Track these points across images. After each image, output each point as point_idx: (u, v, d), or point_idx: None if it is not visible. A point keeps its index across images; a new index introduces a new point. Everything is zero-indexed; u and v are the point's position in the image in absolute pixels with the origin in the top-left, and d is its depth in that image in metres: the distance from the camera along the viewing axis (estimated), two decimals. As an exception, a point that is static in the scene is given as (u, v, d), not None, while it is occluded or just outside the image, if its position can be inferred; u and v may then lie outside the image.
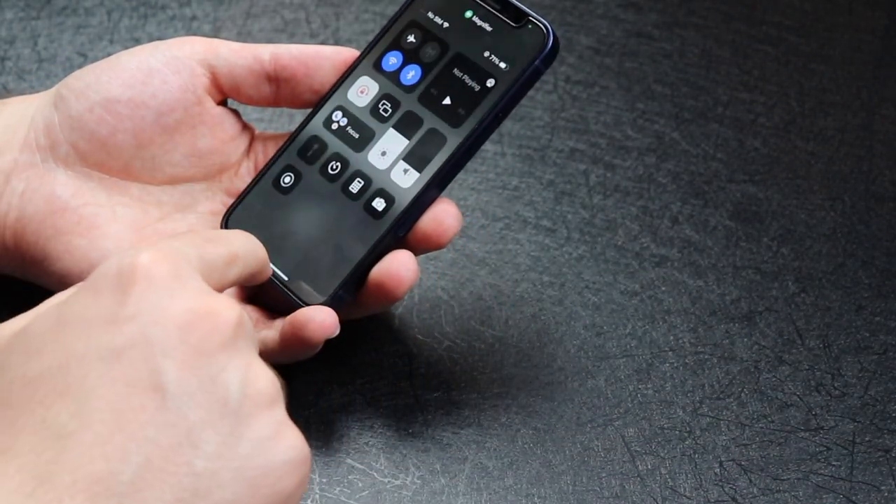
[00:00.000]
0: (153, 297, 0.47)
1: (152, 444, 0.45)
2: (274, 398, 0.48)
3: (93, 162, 0.60)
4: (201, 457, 0.46)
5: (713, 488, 0.60)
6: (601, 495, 0.59)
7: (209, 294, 0.48)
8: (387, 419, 0.61)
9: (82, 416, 0.45)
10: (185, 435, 0.46)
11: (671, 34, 0.79)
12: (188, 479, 0.45)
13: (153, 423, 0.45)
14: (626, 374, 0.63)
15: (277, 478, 0.47)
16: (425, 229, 0.59)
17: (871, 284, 0.68)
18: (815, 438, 0.62)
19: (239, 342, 0.48)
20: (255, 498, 0.47)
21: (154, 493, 0.45)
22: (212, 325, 0.47)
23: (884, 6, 0.81)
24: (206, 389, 0.46)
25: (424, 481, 0.59)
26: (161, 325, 0.46)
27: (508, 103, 0.59)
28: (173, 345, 0.46)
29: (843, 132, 0.75)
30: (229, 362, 0.47)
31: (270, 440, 0.47)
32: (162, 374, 0.46)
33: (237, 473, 0.46)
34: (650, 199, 0.71)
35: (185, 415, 0.46)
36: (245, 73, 0.61)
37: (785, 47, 0.79)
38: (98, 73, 0.60)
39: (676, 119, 0.75)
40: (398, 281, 0.58)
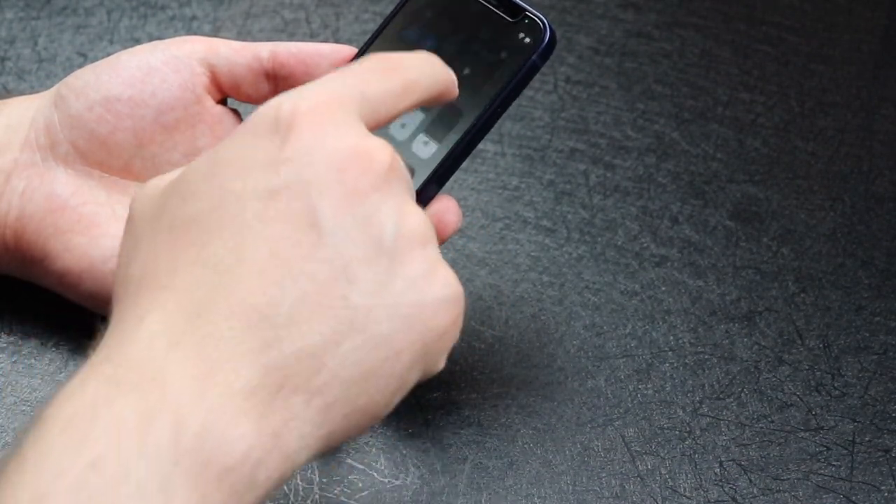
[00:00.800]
0: (309, 141, 0.47)
1: (309, 279, 0.46)
2: (427, 237, 0.49)
3: (93, 161, 0.60)
4: (357, 292, 0.47)
5: (713, 488, 0.60)
6: (601, 495, 0.59)
7: (364, 136, 0.48)
8: (387, 419, 0.61)
9: (239, 251, 0.46)
10: (341, 270, 0.46)
11: (671, 34, 0.79)
12: (344, 312, 0.46)
13: (310, 258, 0.46)
14: (626, 374, 0.63)
15: (431, 314, 0.48)
16: None
17: (871, 284, 0.68)
18: (815, 438, 0.62)
19: (392, 183, 0.48)
20: (410, 334, 0.48)
21: (311, 326, 0.46)
22: (366, 166, 0.48)
23: (884, 6, 0.81)
24: (361, 227, 0.47)
25: (424, 481, 0.59)
26: (317, 166, 0.47)
27: (506, 100, 0.59)
28: (329, 184, 0.47)
29: (843, 132, 0.75)
30: (383, 202, 0.48)
31: (424, 278, 0.48)
32: (318, 211, 0.47)
33: (392, 310, 0.47)
34: (650, 199, 0.71)
35: (340, 251, 0.47)
36: (244, 71, 0.61)
37: (785, 47, 0.79)
38: (98, 72, 0.60)
39: (676, 119, 0.75)
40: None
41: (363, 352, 0.47)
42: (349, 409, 0.47)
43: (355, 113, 0.49)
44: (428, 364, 0.49)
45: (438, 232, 0.58)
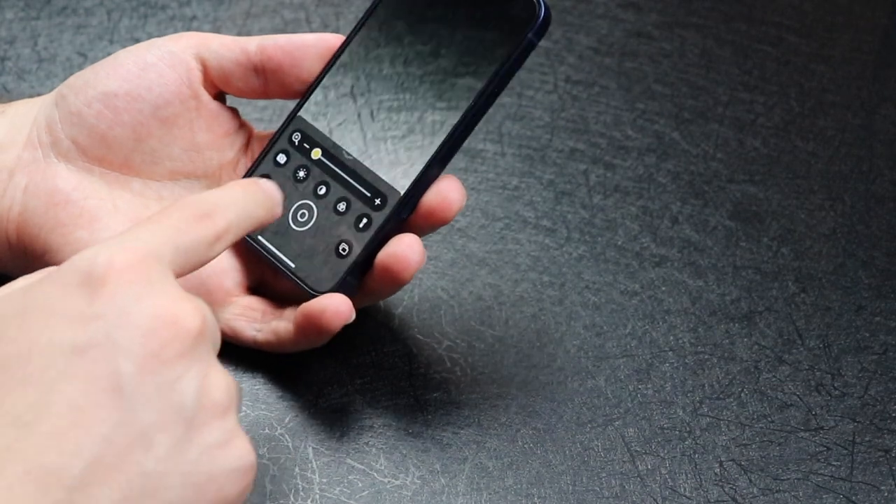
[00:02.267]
0: (121, 301, 0.48)
1: (106, 442, 0.47)
2: (227, 407, 0.49)
3: (93, 156, 0.60)
4: (152, 458, 0.47)
5: (713, 488, 0.60)
6: (601, 495, 0.59)
7: (175, 300, 0.49)
8: (387, 419, 0.61)
9: (40, 407, 0.46)
10: (138, 436, 0.47)
11: (671, 34, 0.79)
12: (138, 478, 0.47)
13: (109, 421, 0.47)
14: (626, 374, 0.63)
15: (222, 484, 0.49)
16: (430, 206, 0.59)
17: (871, 284, 0.68)
18: (815, 438, 0.62)
19: (199, 350, 0.49)
20: (200, 502, 0.48)
21: (103, 490, 0.46)
22: (173, 333, 0.48)
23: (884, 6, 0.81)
24: (163, 394, 0.48)
25: (424, 481, 0.59)
26: (125, 329, 0.48)
27: (503, 78, 0.59)
28: (135, 349, 0.47)
29: (843, 132, 0.75)
30: (187, 370, 0.48)
31: (219, 448, 0.49)
32: (121, 375, 0.47)
33: (185, 477, 0.48)
34: (650, 199, 0.71)
35: (140, 416, 0.47)
36: (233, 65, 0.61)
37: (785, 47, 0.79)
38: (96, 70, 0.61)
39: (676, 119, 0.75)
40: (405, 264, 0.58)
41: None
42: None
43: (168, 268, 0.50)
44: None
45: (443, 211, 0.59)
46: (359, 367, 0.62)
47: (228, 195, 0.54)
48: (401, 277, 0.58)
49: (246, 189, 0.55)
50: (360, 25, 0.62)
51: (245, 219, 0.54)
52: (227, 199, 0.54)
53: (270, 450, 0.59)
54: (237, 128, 0.63)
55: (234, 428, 0.50)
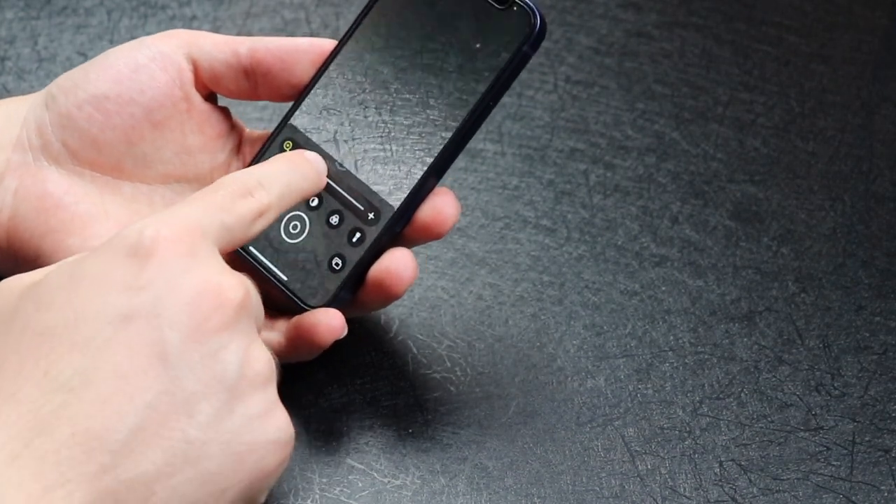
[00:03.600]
0: (167, 272, 0.49)
1: (150, 409, 0.48)
2: (268, 379, 0.50)
3: (84, 160, 0.60)
4: (194, 426, 0.48)
5: (713, 488, 0.60)
6: (601, 495, 0.59)
7: (220, 273, 0.50)
8: (387, 419, 0.61)
9: (86, 373, 0.48)
10: (181, 403, 0.48)
11: (671, 34, 0.79)
12: (180, 445, 0.48)
13: (153, 388, 0.48)
14: (626, 373, 0.63)
15: (262, 455, 0.50)
16: (424, 220, 0.59)
17: (871, 284, 0.68)
18: (815, 438, 0.62)
19: (242, 322, 0.50)
20: (238, 472, 0.49)
21: (146, 455, 0.48)
22: (217, 304, 0.49)
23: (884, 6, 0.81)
24: (206, 364, 0.49)
25: (424, 481, 0.59)
26: (171, 299, 0.49)
27: (499, 90, 0.58)
28: (180, 318, 0.49)
29: (843, 132, 0.75)
30: (231, 341, 0.49)
31: (260, 419, 0.50)
32: (166, 343, 0.48)
33: (226, 446, 0.49)
34: (650, 199, 0.71)
35: (183, 385, 0.48)
36: (223, 67, 0.61)
37: (785, 47, 0.79)
38: (87, 71, 0.60)
39: (676, 119, 0.75)
40: (398, 279, 0.58)
41: (192, 486, 0.48)
42: None
43: (214, 242, 0.51)
44: (249, 500, 0.51)
45: (437, 225, 0.59)
46: (359, 367, 0.62)
47: (273, 169, 0.55)
48: (393, 292, 0.58)
49: (291, 162, 0.56)
50: (350, 33, 0.61)
51: (289, 193, 0.55)
52: (271, 175, 0.55)
53: (270, 450, 0.59)
54: (229, 129, 0.62)
55: (275, 400, 0.51)
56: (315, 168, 0.57)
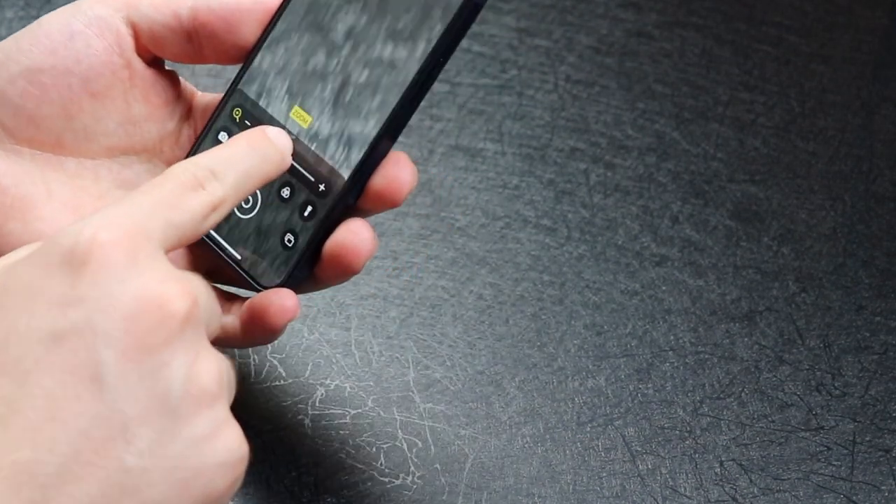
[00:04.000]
0: (103, 282, 0.45)
1: (83, 436, 0.44)
2: (216, 395, 0.46)
3: (22, 138, 0.56)
4: (133, 453, 0.44)
5: (713, 488, 0.60)
6: (601, 495, 0.59)
7: (163, 281, 0.46)
8: (387, 419, 0.61)
9: (15, 399, 0.44)
10: (118, 429, 0.44)
11: (671, 34, 0.79)
12: (117, 475, 0.44)
13: (87, 414, 0.44)
14: (627, 373, 0.63)
15: (210, 479, 0.46)
16: (377, 189, 0.55)
17: (871, 284, 0.68)
18: (816, 438, 0.62)
19: (187, 334, 0.46)
20: (184, 499, 0.45)
21: (80, 487, 0.44)
22: (159, 318, 0.45)
23: (884, 6, 0.81)
24: (146, 384, 0.45)
25: (424, 481, 0.59)
26: (107, 314, 0.45)
27: (449, 45, 0.54)
28: (117, 335, 0.45)
29: (843, 132, 0.75)
30: (173, 357, 0.45)
31: (207, 440, 0.46)
32: (102, 364, 0.44)
33: (169, 473, 0.45)
34: (650, 199, 0.71)
35: (120, 408, 0.44)
36: (164, 30, 0.56)
37: (785, 47, 0.79)
38: (18, 41, 0.56)
39: (677, 119, 0.75)
40: (354, 254, 0.54)
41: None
42: None
43: (159, 244, 0.47)
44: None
45: (392, 193, 0.55)
46: (358, 366, 0.62)
47: (228, 155, 0.51)
48: (351, 268, 0.54)
49: (250, 144, 0.52)
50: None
51: (246, 181, 0.51)
52: (225, 162, 0.51)
53: (270, 449, 0.59)
54: (176, 96, 0.58)
55: (224, 418, 0.46)
56: (278, 149, 0.53)
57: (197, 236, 0.49)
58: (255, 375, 0.62)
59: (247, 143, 0.52)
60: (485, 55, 0.77)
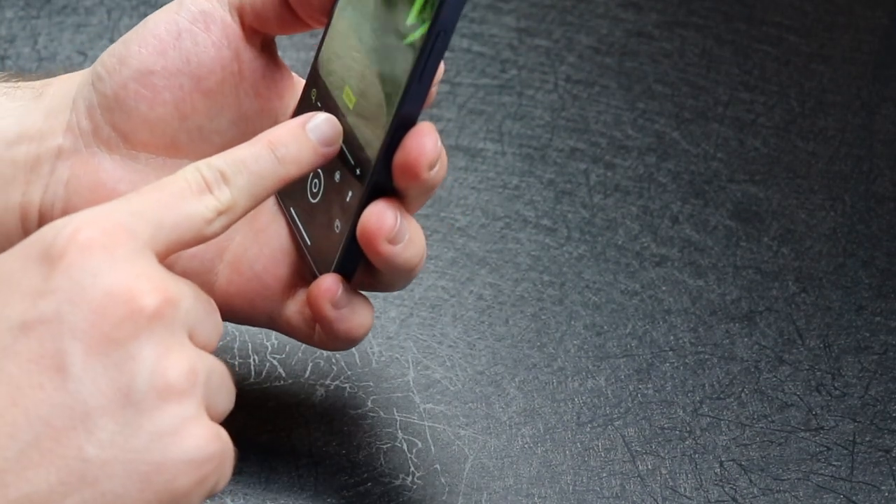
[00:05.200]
0: (76, 276, 0.45)
1: (44, 424, 0.44)
2: (184, 391, 0.46)
3: (137, 142, 0.56)
4: (94, 444, 0.45)
5: (713, 488, 0.60)
6: (601, 495, 0.59)
7: (136, 277, 0.46)
8: (387, 419, 0.61)
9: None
10: (80, 419, 0.45)
11: (671, 34, 0.79)
12: (76, 464, 0.45)
13: (49, 402, 0.44)
14: (627, 373, 0.63)
15: (172, 475, 0.45)
16: (399, 164, 0.53)
17: (871, 284, 0.68)
18: (816, 438, 0.62)
19: (156, 330, 0.46)
20: (145, 493, 0.45)
21: (39, 473, 0.44)
22: (127, 311, 0.45)
23: (884, 6, 0.81)
24: (111, 376, 0.45)
25: (424, 482, 0.59)
26: (76, 306, 0.45)
27: (450, 15, 0.51)
28: (84, 328, 0.45)
29: (843, 132, 0.75)
30: (140, 351, 0.45)
31: (170, 435, 0.45)
32: (67, 355, 0.45)
33: (129, 466, 0.45)
34: (650, 199, 0.71)
35: (83, 399, 0.45)
36: (266, 3, 0.55)
37: (785, 47, 0.79)
38: (128, 44, 0.55)
39: (677, 119, 0.75)
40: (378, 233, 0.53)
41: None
42: None
43: (146, 244, 0.47)
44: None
45: (411, 168, 0.52)
46: (359, 366, 0.62)
47: (244, 156, 0.51)
48: (375, 253, 0.53)
49: (272, 142, 0.51)
50: None
51: (261, 184, 0.51)
52: (239, 163, 0.51)
53: (271, 449, 0.59)
54: (288, 90, 0.58)
55: (192, 415, 0.46)
56: (310, 143, 0.52)
57: (200, 240, 0.49)
58: (256, 375, 0.62)
59: (267, 142, 0.51)
60: (485, 55, 0.77)
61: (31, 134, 0.56)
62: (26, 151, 0.56)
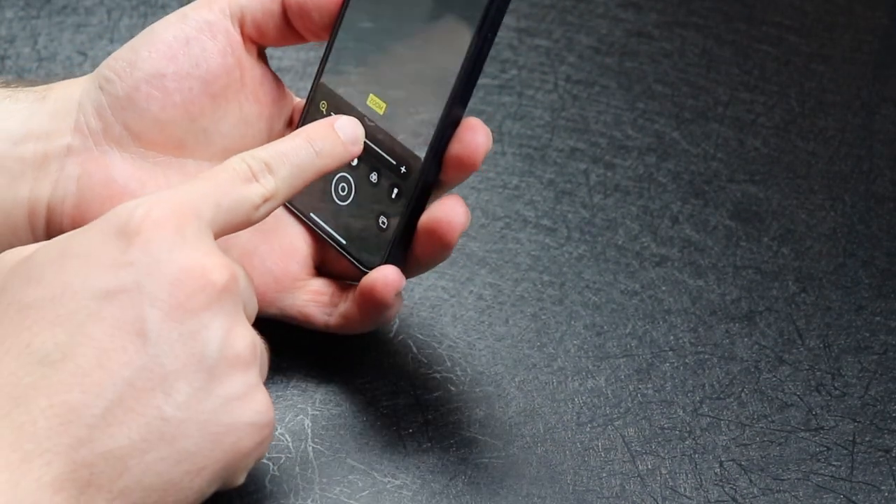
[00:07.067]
0: (153, 250, 0.50)
1: (127, 385, 0.48)
2: (249, 361, 0.50)
3: (147, 141, 0.59)
4: (171, 404, 0.49)
5: (713, 488, 0.60)
6: (601, 495, 0.59)
7: (206, 254, 0.50)
8: (387, 419, 0.61)
9: (67, 347, 0.48)
10: (159, 381, 0.49)
11: (671, 34, 0.79)
12: (156, 422, 0.49)
13: (131, 364, 0.48)
14: (627, 373, 0.63)
15: (239, 437, 0.50)
16: (455, 156, 0.58)
17: (871, 284, 0.68)
18: (816, 438, 0.62)
19: (226, 303, 0.50)
20: (215, 452, 0.50)
21: (122, 430, 0.48)
22: (200, 285, 0.50)
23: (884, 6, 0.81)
24: (186, 343, 0.49)
25: (424, 481, 0.59)
26: (154, 277, 0.49)
27: (496, 14, 0.55)
28: (162, 297, 0.49)
29: (843, 132, 0.75)
30: (212, 321, 0.50)
31: (238, 400, 0.50)
32: (147, 321, 0.49)
33: (202, 426, 0.49)
34: (650, 199, 0.71)
35: (161, 363, 0.49)
36: (265, 16, 0.60)
37: (785, 47, 0.79)
38: (136, 50, 0.59)
39: (677, 119, 0.75)
40: (449, 227, 0.57)
41: (167, 464, 0.49)
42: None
43: (208, 225, 0.51)
44: (227, 480, 0.51)
45: (467, 159, 0.57)
46: (359, 366, 0.62)
47: (286, 149, 0.55)
48: (447, 240, 0.58)
49: (310, 137, 0.55)
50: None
51: (300, 174, 0.55)
52: (281, 155, 0.55)
53: (270, 450, 0.59)
54: (282, 96, 0.61)
55: (255, 382, 0.51)
56: (340, 140, 0.56)
57: (248, 224, 0.53)
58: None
59: (305, 137, 0.56)
60: (485, 55, 0.77)
61: (38, 133, 0.59)
62: (34, 149, 0.59)
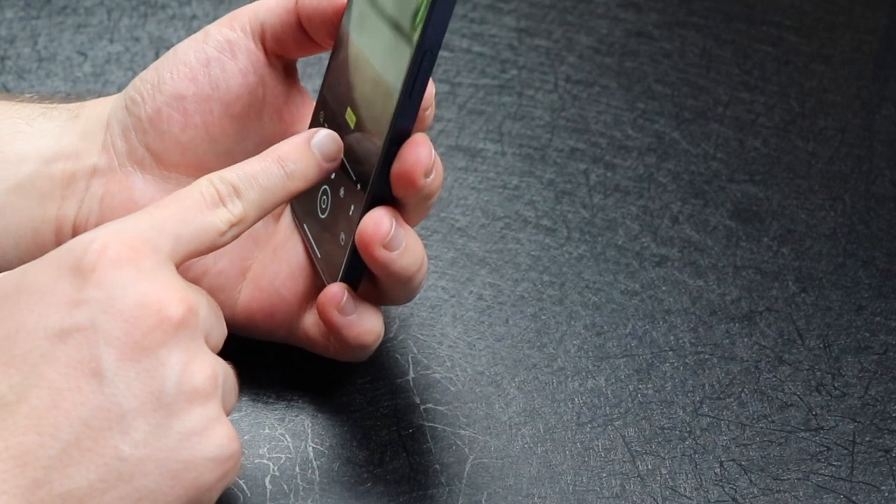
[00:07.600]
0: (108, 288, 0.49)
1: (84, 425, 0.48)
2: (209, 394, 0.50)
3: (168, 163, 0.59)
4: (129, 443, 0.48)
5: (713, 488, 0.60)
6: (601, 495, 0.59)
7: (163, 288, 0.50)
8: (387, 419, 0.61)
9: (22, 388, 0.48)
10: (116, 420, 0.48)
11: (671, 34, 0.79)
12: (114, 462, 0.48)
13: (87, 405, 0.48)
14: (627, 373, 0.63)
15: (199, 472, 0.49)
16: (395, 174, 0.56)
17: (871, 284, 0.68)
18: (816, 438, 0.62)
19: (182, 337, 0.50)
20: (175, 489, 0.49)
21: (79, 471, 0.48)
22: (157, 321, 0.49)
23: (884, 6, 0.81)
24: (143, 381, 0.49)
25: (425, 481, 0.59)
26: (109, 315, 0.49)
27: (435, 29, 0.54)
28: (117, 335, 0.49)
29: (843, 132, 0.75)
30: (169, 357, 0.49)
31: (197, 435, 0.49)
32: (102, 360, 0.48)
33: (161, 464, 0.49)
34: (650, 199, 0.71)
35: (118, 402, 0.48)
36: (283, 27, 0.59)
37: (785, 47, 0.79)
38: (159, 71, 0.59)
39: (677, 119, 0.75)
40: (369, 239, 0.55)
41: (126, 502, 0.48)
42: None
43: (167, 256, 0.51)
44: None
45: (406, 177, 0.55)
46: (359, 367, 0.62)
47: (255, 171, 0.54)
48: (371, 258, 0.56)
49: (281, 157, 0.55)
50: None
51: (270, 198, 0.54)
52: (250, 178, 0.54)
53: (270, 450, 0.59)
54: (309, 113, 0.61)
55: (216, 415, 0.50)
56: (315, 159, 0.56)
57: (213, 249, 0.53)
58: (255, 376, 0.62)
59: (276, 158, 0.55)
60: (485, 55, 0.77)
61: (68, 152, 0.59)
62: (63, 168, 0.59)
